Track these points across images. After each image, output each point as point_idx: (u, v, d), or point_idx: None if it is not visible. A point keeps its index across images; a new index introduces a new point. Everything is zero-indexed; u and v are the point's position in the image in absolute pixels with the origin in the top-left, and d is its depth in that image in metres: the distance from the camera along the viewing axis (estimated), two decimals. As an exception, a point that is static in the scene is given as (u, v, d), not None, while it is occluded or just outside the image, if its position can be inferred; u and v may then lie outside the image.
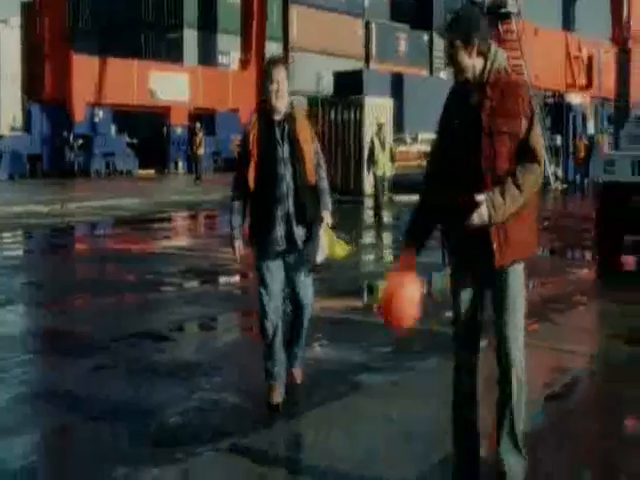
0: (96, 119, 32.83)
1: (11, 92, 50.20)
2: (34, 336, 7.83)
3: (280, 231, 5.43)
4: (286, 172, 5.41)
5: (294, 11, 42.75)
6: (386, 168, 17.07)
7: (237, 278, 11.08)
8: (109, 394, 5.78)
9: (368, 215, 19.84)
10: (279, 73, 5.40)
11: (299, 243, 5.48)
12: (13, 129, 46.65)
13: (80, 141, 32.01)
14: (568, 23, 46.11)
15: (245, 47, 39.41)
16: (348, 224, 16.10)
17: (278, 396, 5.47)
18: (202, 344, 7.56)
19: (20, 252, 14.07)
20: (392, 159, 17.30)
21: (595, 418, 5.56)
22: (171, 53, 39.49)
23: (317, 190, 5.57)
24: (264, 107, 5.51)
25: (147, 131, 36.35)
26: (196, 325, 8.34)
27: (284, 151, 5.44)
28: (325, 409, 5.46)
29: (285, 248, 5.46)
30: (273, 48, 40.40)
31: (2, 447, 4.83)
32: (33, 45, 33.76)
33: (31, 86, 34.46)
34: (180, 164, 36.98)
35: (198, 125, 32.53)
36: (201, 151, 31.39)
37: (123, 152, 34.00)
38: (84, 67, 32.40)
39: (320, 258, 5.56)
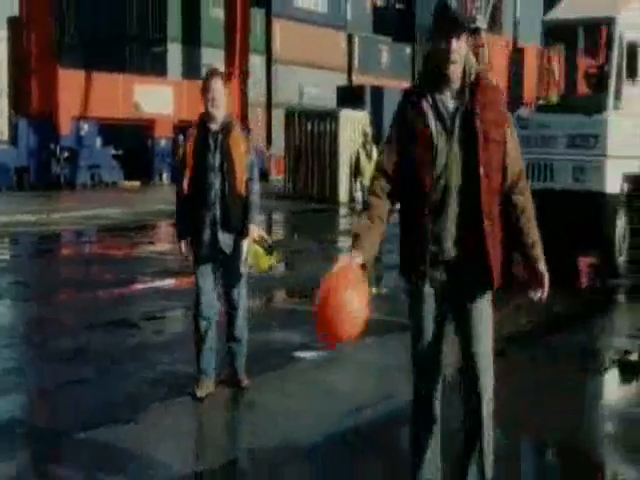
0: (82, 132, 33.97)
1: (-2, 105, 51.32)
2: (21, 324, 9.06)
3: (207, 235, 5.94)
4: (215, 180, 5.91)
5: (277, 24, 44.02)
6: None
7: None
8: (79, 368, 6.98)
9: (342, 222, 21.12)
10: (215, 83, 5.97)
11: (224, 249, 5.95)
12: (0, 142, 47.79)
13: (66, 154, 33.14)
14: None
15: (229, 60, 40.62)
16: (325, 230, 17.41)
17: (203, 391, 6.02)
18: (167, 330, 8.76)
19: (7, 256, 15.23)
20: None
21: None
22: (155, 66, 40.66)
23: (246, 203, 6.01)
24: (203, 117, 6.04)
25: (132, 143, 37.48)
26: (165, 315, 9.54)
27: (215, 160, 5.91)
28: (264, 376, 6.65)
29: (213, 251, 5.97)
30: (257, 61, 41.71)
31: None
32: (19, 59, 34.92)
33: (18, 100, 35.61)
34: (164, 175, 38.15)
35: (181, 137, 33.77)
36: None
37: (109, 164, 35.14)
38: (70, 81, 33.56)
39: (243, 269, 6.05)
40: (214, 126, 6.00)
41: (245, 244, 6.03)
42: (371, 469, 5.00)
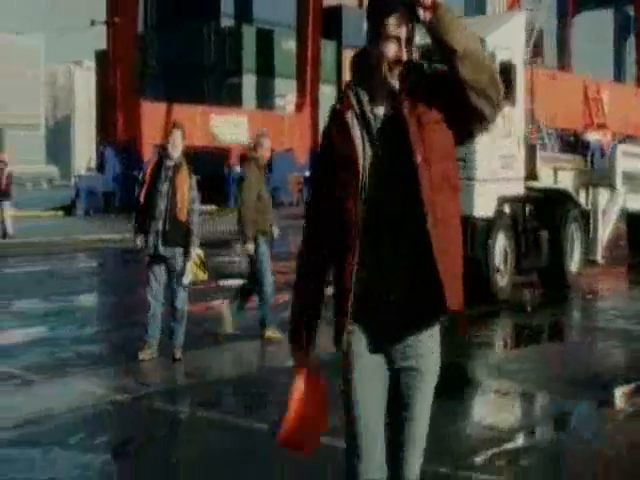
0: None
1: (86, 135, 55.11)
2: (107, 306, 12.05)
3: (151, 241, 7.90)
4: (161, 202, 7.85)
5: (348, 55, 46.97)
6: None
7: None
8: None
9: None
10: (176, 132, 8.00)
11: (167, 256, 7.89)
12: (89, 169, 51.66)
13: (148, 179, 36.45)
14: (619, 71, 49.51)
15: (300, 90, 43.66)
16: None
17: (145, 355, 8.07)
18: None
19: (95, 264, 18.34)
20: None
21: None
22: (231, 97, 43.94)
23: (188, 230, 7.89)
24: (162, 153, 8.06)
25: (209, 170, 40.71)
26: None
27: (163, 187, 7.88)
28: (201, 349, 8.92)
29: (156, 255, 7.91)
30: (327, 90, 44.63)
31: None
32: (106, 91, 38.54)
33: (104, 129, 39.24)
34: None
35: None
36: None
37: (187, 189, 38.39)
38: (152, 112, 36.95)
39: (186, 280, 8.04)
40: (169, 162, 8.05)
41: (188, 264, 8.09)
42: None
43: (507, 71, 11.62)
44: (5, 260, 18.68)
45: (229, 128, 40.62)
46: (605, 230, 15.32)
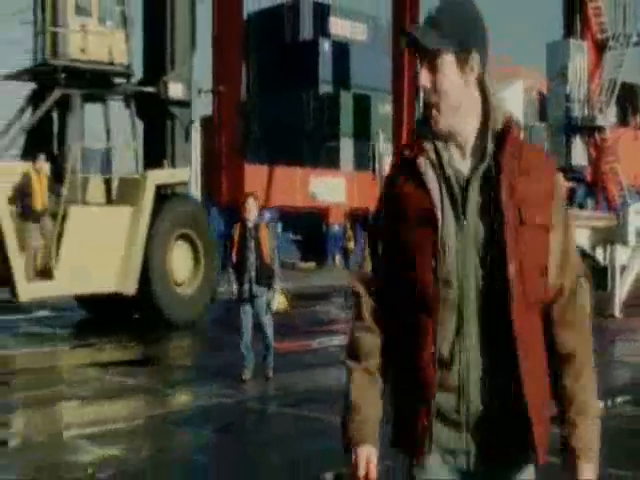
0: (265, 219, 39.62)
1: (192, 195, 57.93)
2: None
3: (246, 287, 10.37)
4: (250, 255, 10.31)
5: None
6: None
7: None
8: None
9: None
10: (249, 202, 10.52)
11: (258, 295, 10.37)
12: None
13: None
14: None
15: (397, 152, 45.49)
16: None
17: (246, 376, 10.72)
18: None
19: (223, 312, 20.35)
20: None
21: None
22: (329, 159, 46.13)
23: (272, 271, 10.39)
24: (242, 219, 10.51)
25: (308, 228, 42.78)
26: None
27: (250, 244, 10.35)
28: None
29: (250, 297, 10.39)
30: (423, 152, 46.21)
31: None
32: (210, 154, 41.05)
33: (209, 190, 41.73)
34: (337, 257, 43.10)
35: (348, 224, 39.08)
36: (351, 245, 37.83)
37: (288, 247, 40.47)
38: (254, 175, 39.29)
39: (274, 306, 10.52)
40: (250, 224, 10.55)
41: (275, 294, 10.61)
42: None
43: None
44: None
45: (327, 189, 42.74)
46: (624, 285, 16.45)
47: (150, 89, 19.77)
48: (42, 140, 18.60)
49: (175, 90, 19.84)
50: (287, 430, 8.52)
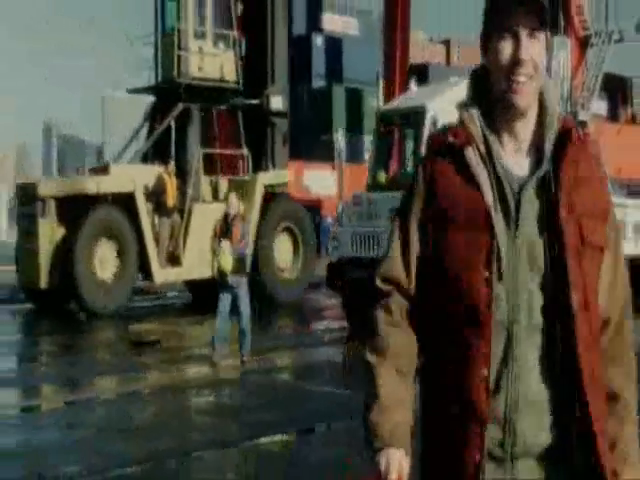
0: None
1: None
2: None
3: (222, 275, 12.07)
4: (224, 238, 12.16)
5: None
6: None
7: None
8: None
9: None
10: (231, 198, 12.38)
11: (234, 284, 12.00)
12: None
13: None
14: None
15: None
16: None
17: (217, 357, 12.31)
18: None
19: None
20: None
21: None
22: (323, 153, 47.29)
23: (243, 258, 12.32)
24: (225, 211, 12.32)
25: (302, 221, 43.96)
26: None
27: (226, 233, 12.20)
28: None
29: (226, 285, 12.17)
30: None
31: None
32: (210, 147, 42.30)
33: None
34: (330, 249, 44.29)
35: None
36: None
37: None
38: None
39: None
40: (229, 217, 12.21)
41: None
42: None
43: None
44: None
45: (319, 181, 43.95)
46: None
47: (255, 102, 23.03)
48: (160, 146, 22.07)
49: (276, 102, 23.37)
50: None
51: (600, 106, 39.62)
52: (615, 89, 43.19)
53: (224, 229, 12.00)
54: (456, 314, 2.16)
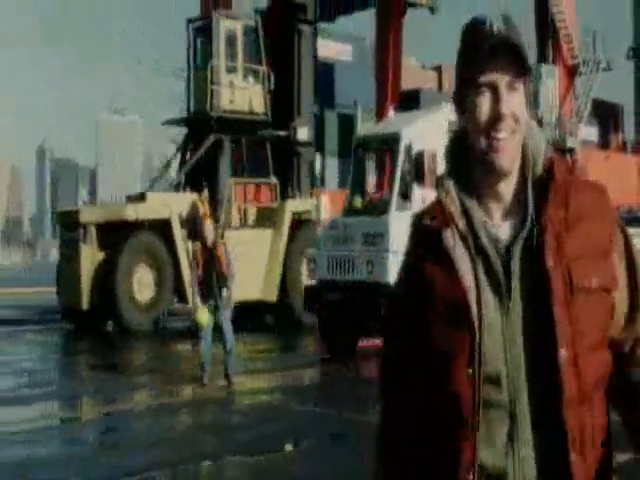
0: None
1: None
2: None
3: (213, 295, 12.27)
4: (212, 270, 12.22)
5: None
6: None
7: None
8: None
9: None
10: (206, 222, 12.57)
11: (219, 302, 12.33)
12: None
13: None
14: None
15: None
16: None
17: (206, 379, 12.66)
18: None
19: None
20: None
21: None
22: (314, 179, 48.31)
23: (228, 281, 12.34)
24: (202, 240, 12.40)
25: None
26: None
27: (211, 259, 12.22)
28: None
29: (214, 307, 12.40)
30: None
31: None
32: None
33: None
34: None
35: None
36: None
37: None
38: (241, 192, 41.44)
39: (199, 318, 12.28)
40: (208, 242, 12.38)
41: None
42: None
43: (420, 159, 13.99)
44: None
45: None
46: None
47: (283, 133, 24.36)
48: (192, 175, 23.28)
49: (302, 133, 24.78)
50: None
51: (591, 132, 40.87)
52: (607, 115, 44.39)
53: (208, 257, 12.30)
54: (441, 405, 2.00)
